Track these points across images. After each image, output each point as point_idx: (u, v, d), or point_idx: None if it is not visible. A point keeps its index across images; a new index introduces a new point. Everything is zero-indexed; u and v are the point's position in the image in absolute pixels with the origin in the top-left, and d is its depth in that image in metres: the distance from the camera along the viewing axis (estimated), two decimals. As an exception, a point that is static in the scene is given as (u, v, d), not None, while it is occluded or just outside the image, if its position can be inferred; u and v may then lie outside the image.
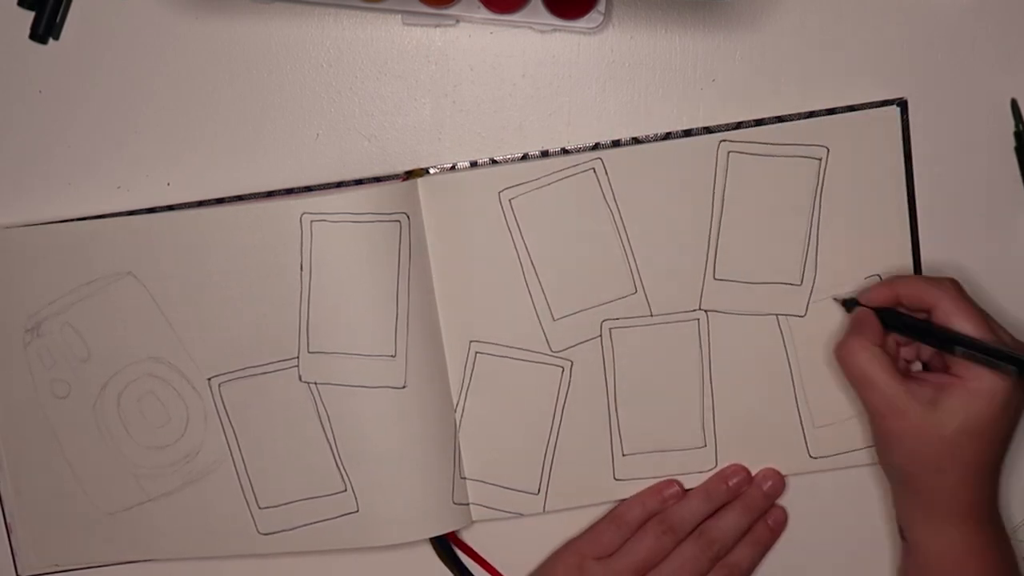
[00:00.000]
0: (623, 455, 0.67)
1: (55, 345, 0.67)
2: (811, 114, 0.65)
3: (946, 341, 0.60)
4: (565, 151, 0.66)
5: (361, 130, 0.67)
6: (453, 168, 0.66)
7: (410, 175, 0.66)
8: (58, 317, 0.66)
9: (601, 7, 0.64)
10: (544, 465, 0.67)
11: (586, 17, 0.64)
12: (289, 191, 0.66)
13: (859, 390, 0.62)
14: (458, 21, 0.65)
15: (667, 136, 0.65)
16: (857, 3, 0.65)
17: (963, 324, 0.60)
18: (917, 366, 0.65)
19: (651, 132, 0.66)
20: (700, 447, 0.67)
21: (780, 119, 0.65)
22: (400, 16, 0.65)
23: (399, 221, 0.64)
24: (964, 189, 0.66)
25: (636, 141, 0.65)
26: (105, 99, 0.67)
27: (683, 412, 0.67)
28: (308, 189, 0.66)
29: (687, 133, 0.65)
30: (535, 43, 0.66)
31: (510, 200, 0.65)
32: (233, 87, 0.66)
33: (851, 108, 0.65)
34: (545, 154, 0.66)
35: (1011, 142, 0.66)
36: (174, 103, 0.66)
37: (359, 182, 0.66)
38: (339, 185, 0.66)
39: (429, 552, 0.68)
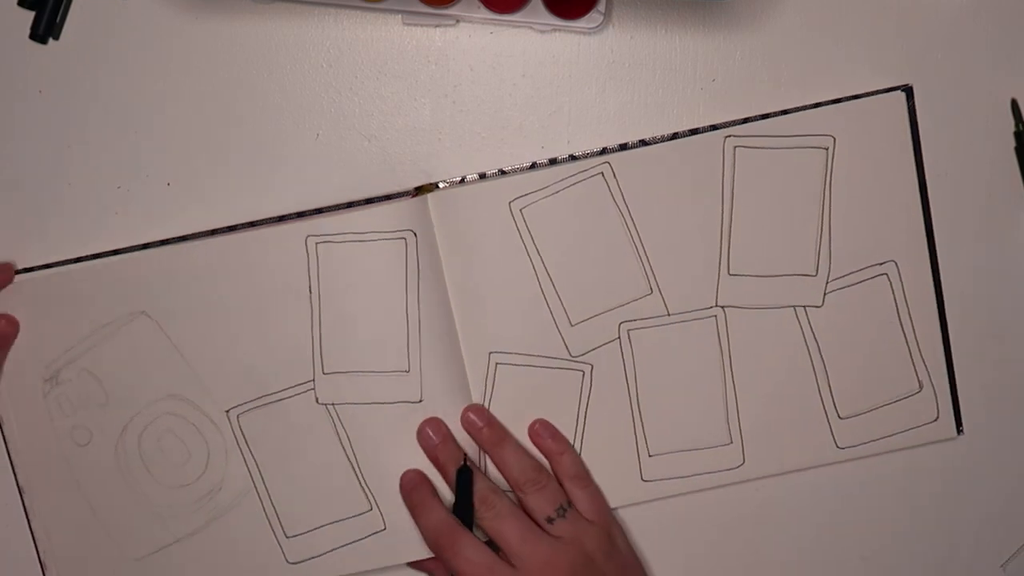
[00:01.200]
0: (649, 456, 0.67)
1: (74, 392, 0.66)
2: (816, 105, 0.65)
3: None
4: (573, 157, 0.66)
5: (361, 130, 0.67)
6: (462, 181, 0.66)
7: (420, 191, 0.65)
8: (75, 364, 0.66)
9: (601, 7, 0.64)
10: None
11: (586, 17, 0.64)
12: (300, 214, 0.66)
13: None
14: (458, 21, 0.65)
15: (674, 136, 0.65)
16: (857, 3, 0.65)
17: (459, 565, 0.61)
18: None
19: (652, 132, 0.66)
20: (726, 444, 0.67)
21: (785, 112, 0.65)
22: (400, 16, 0.65)
23: (404, 238, 0.64)
24: (963, 189, 0.66)
25: (643, 143, 0.65)
26: (105, 99, 0.67)
27: (707, 409, 0.67)
28: (319, 211, 0.66)
29: (693, 132, 0.65)
30: (535, 43, 0.66)
31: (521, 210, 0.65)
32: (233, 87, 0.66)
33: (856, 97, 0.65)
34: (553, 162, 0.66)
35: (1011, 142, 0.66)
36: (174, 103, 0.66)
37: (370, 200, 0.66)
38: (350, 205, 0.66)
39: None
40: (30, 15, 0.66)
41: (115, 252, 0.66)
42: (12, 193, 0.67)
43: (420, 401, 0.65)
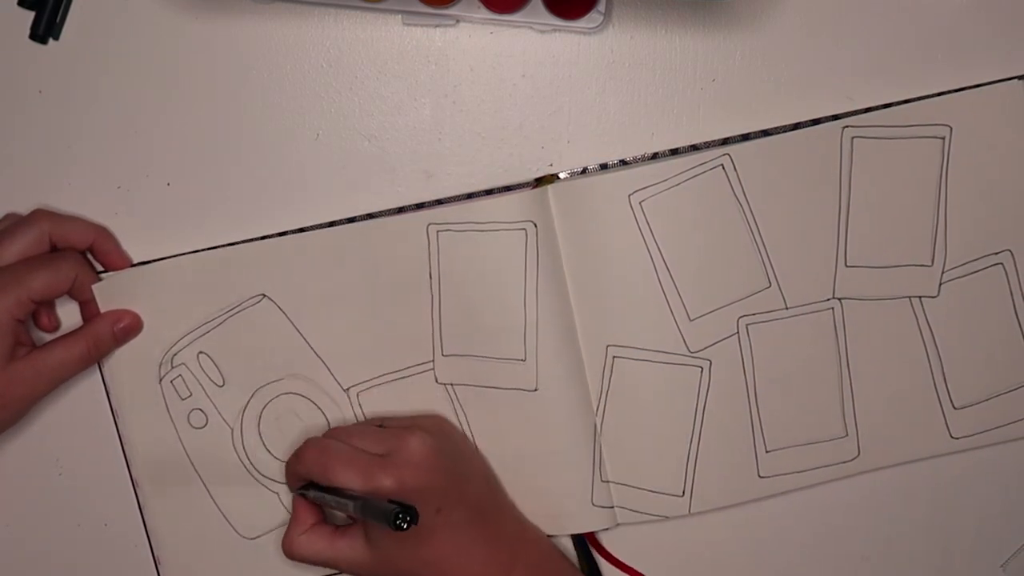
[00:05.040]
0: (766, 451, 0.67)
1: (190, 375, 0.67)
2: (934, 95, 0.65)
3: (347, 499, 0.60)
4: (694, 147, 0.65)
5: (361, 130, 0.67)
6: (584, 172, 0.66)
7: (540, 182, 0.66)
8: (191, 347, 0.67)
9: (601, 7, 0.64)
10: (688, 466, 0.66)
11: (586, 17, 0.64)
12: (419, 206, 0.66)
13: (327, 569, 0.63)
14: (458, 21, 0.65)
15: (796, 126, 0.65)
16: (859, 1, 0.65)
17: (342, 476, 0.60)
18: None
19: (652, 132, 0.66)
20: (842, 437, 0.67)
21: (905, 101, 0.65)
22: (400, 16, 0.65)
23: (525, 229, 0.64)
24: None
25: (765, 133, 0.65)
26: (105, 99, 0.67)
27: (823, 403, 0.66)
28: (439, 202, 0.66)
29: (815, 122, 0.65)
30: (535, 43, 0.66)
31: (640, 203, 0.65)
32: (233, 87, 0.66)
33: (973, 87, 0.65)
34: (675, 152, 0.65)
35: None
36: (174, 103, 0.66)
37: (490, 191, 0.66)
38: (469, 196, 0.66)
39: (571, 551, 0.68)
40: (30, 15, 0.66)
41: (230, 244, 0.66)
42: (12, 193, 0.67)
43: (535, 390, 0.65)
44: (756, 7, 0.65)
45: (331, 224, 0.66)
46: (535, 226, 0.64)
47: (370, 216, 0.66)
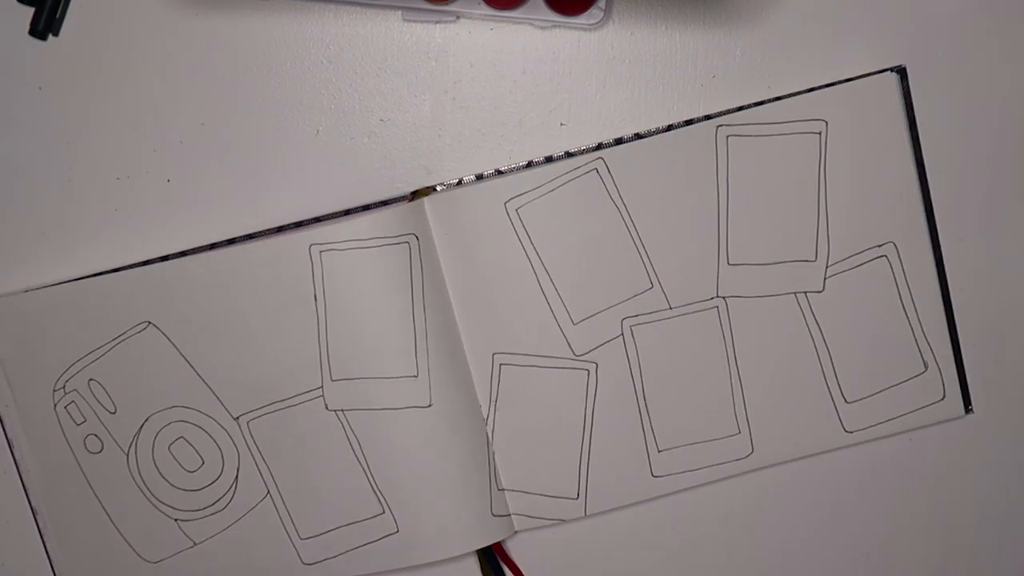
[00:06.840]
0: (658, 451, 0.67)
1: (82, 401, 0.66)
2: (807, 91, 0.65)
3: None
4: (569, 154, 0.66)
5: (361, 126, 0.67)
6: (459, 183, 0.66)
7: (416, 195, 0.66)
8: (82, 373, 0.66)
9: (601, 3, 0.64)
10: (581, 469, 0.67)
11: (586, 13, 0.64)
12: (299, 224, 0.66)
13: None
14: (458, 17, 0.65)
15: (668, 128, 0.65)
16: (860, 1, 0.65)
17: None
18: None
19: (650, 128, 0.66)
20: (734, 434, 0.67)
21: (777, 98, 0.65)
22: (400, 12, 0.66)
23: (407, 243, 0.64)
24: (965, 168, 0.66)
25: (639, 136, 0.65)
26: (105, 95, 0.66)
27: (713, 401, 0.67)
28: (318, 220, 0.66)
29: (688, 123, 0.65)
30: (535, 39, 0.66)
31: (516, 210, 0.65)
32: (232, 83, 0.66)
33: (846, 80, 0.65)
34: (549, 159, 0.66)
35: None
36: (174, 100, 0.66)
37: (367, 207, 0.66)
38: (347, 212, 0.66)
39: (472, 567, 0.68)
40: (30, 11, 0.66)
41: (115, 270, 0.66)
42: (12, 191, 0.67)
43: (430, 406, 0.65)
44: (757, 4, 0.65)
45: (212, 247, 0.66)
46: (417, 239, 0.64)
47: (251, 237, 0.66)
